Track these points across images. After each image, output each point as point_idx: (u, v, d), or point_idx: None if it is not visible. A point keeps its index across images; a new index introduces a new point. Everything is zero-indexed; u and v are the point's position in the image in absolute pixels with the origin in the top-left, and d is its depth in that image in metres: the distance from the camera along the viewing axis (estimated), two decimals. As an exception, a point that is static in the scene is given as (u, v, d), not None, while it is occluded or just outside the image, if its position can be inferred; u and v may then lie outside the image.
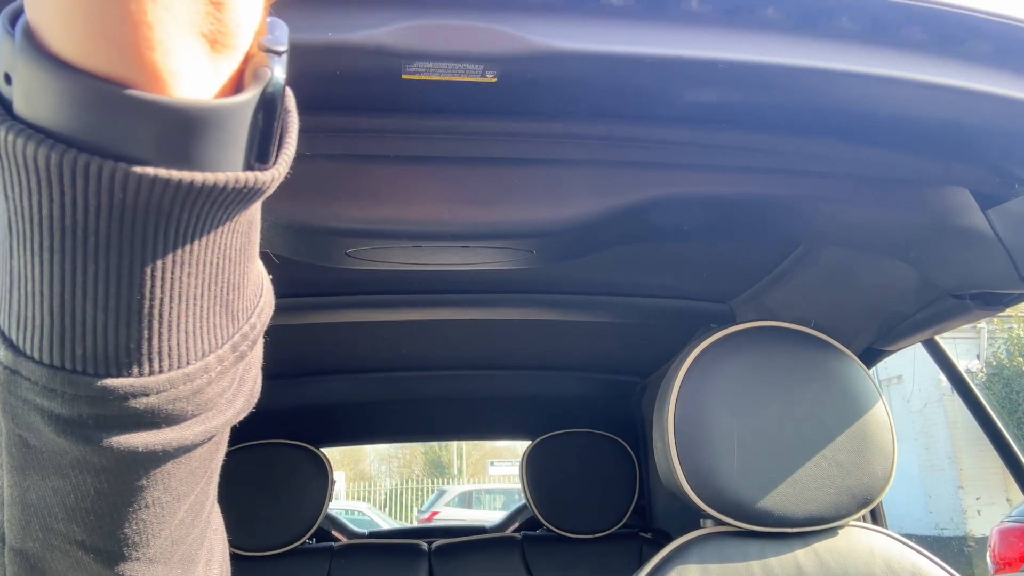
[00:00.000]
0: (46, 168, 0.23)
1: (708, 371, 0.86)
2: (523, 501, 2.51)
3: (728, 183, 0.76)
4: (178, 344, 0.27)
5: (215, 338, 0.29)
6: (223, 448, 0.35)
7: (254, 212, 0.30)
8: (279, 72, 0.26)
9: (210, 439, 0.31)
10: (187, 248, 0.26)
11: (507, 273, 1.25)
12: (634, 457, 1.83)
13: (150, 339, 0.26)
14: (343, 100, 0.66)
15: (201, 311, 0.28)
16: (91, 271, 0.25)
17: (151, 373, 0.27)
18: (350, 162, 0.70)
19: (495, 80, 0.58)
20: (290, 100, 0.30)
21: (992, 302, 0.90)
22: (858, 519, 0.87)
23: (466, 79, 0.57)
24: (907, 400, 10.41)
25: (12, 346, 0.27)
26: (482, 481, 17.17)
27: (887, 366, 10.91)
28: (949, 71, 0.61)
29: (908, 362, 10.39)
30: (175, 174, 0.24)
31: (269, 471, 1.58)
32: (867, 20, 0.59)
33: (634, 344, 1.67)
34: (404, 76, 0.57)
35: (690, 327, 1.50)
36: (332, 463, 1.68)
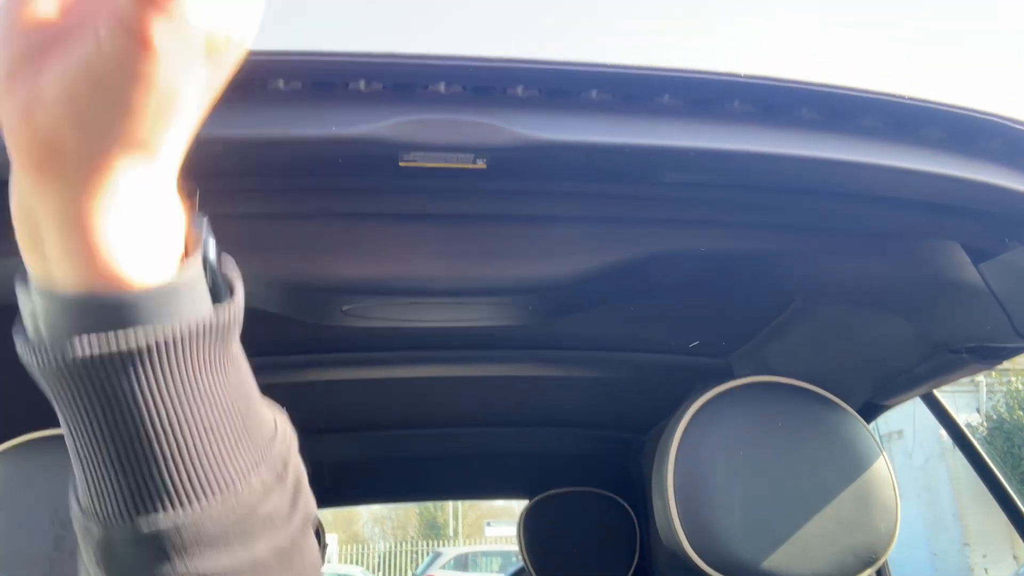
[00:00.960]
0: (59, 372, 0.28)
1: (707, 427, 0.86)
2: (521, 564, 2.45)
3: (723, 239, 0.77)
4: (223, 470, 0.31)
5: (248, 460, 0.33)
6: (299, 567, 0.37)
7: (236, 347, 0.34)
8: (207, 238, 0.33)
9: (278, 556, 0.34)
10: (194, 390, 0.30)
11: (503, 329, 1.24)
12: (634, 517, 1.79)
13: (191, 475, 0.31)
14: (341, 183, 0.69)
15: (230, 439, 0.32)
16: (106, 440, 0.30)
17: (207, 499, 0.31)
18: (346, 220, 0.71)
19: (485, 167, 0.62)
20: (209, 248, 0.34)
21: (989, 355, 0.90)
22: None
23: (458, 166, 0.62)
24: (909, 455, 10.29)
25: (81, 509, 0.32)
26: (479, 543, 16.75)
27: (887, 421, 10.82)
28: (903, 155, 0.65)
29: (909, 416, 10.31)
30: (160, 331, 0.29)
31: None
32: (825, 110, 0.64)
33: (632, 400, 1.66)
34: (401, 164, 0.61)
35: (688, 382, 1.49)
36: (324, 525, 1.64)
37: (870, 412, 1.14)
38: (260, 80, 0.56)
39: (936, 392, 1.28)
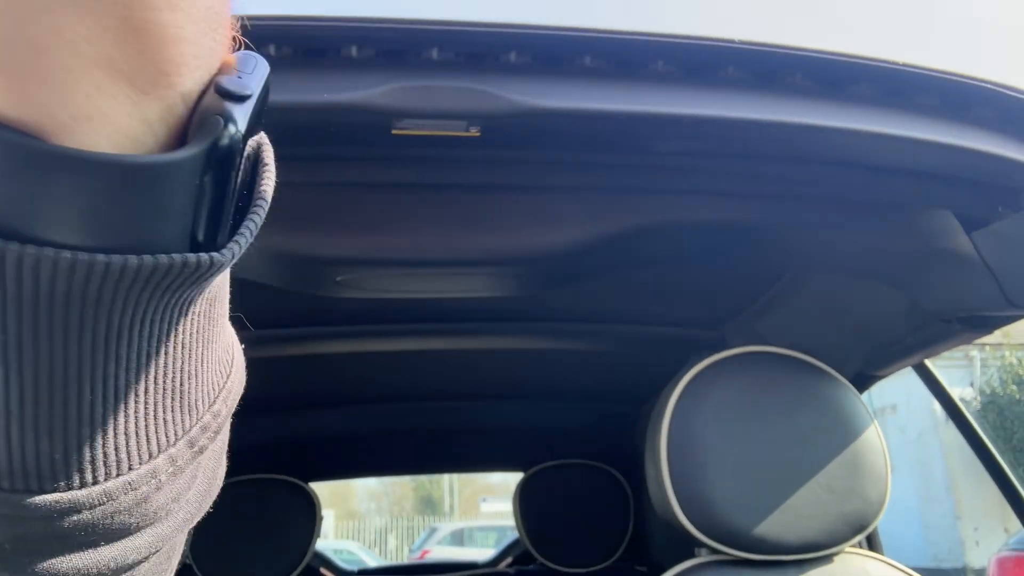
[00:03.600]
0: None
1: (700, 397, 0.86)
2: (515, 537, 2.48)
3: (717, 209, 0.77)
4: (117, 449, 0.22)
5: (166, 436, 0.24)
6: (178, 553, 0.30)
7: (215, 289, 0.25)
8: (238, 121, 0.21)
9: (156, 552, 0.26)
10: (123, 342, 0.21)
11: (497, 301, 1.25)
12: (627, 488, 1.81)
13: (80, 447, 0.22)
14: (334, 152, 0.68)
15: (147, 408, 0.23)
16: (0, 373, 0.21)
17: (83, 485, 0.22)
18: (339, 190, 0.71)
19: (479, 135, 0.61)
20: (267, 152, 0.25)
21: (980, 324, 0.90)
22: (854, 545, 0.86)
23: (451, 133, 0.61)
24: (902, 430, 10.38)
25: None
26: (474, 518, 16.93)
27: (881, 395, 10.91)
28: (896, 122, 0.65)
29: (903, 391, 10.39)
30: (88, 258, 0.19)
31: (256, 507, 1.55)
32: (819, 77, 0.64)
33: (626, 373, 1.66)
34: (394, 132, 0.60)
35: (682, 354, 1.50)
36: (320, 500, 1.65)
37: (862, 382, 1.14)
38: (249, 46, 0.55)
39: (930, 365, 1.29)
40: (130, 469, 0.23)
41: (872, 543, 1.15)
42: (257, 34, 0.55)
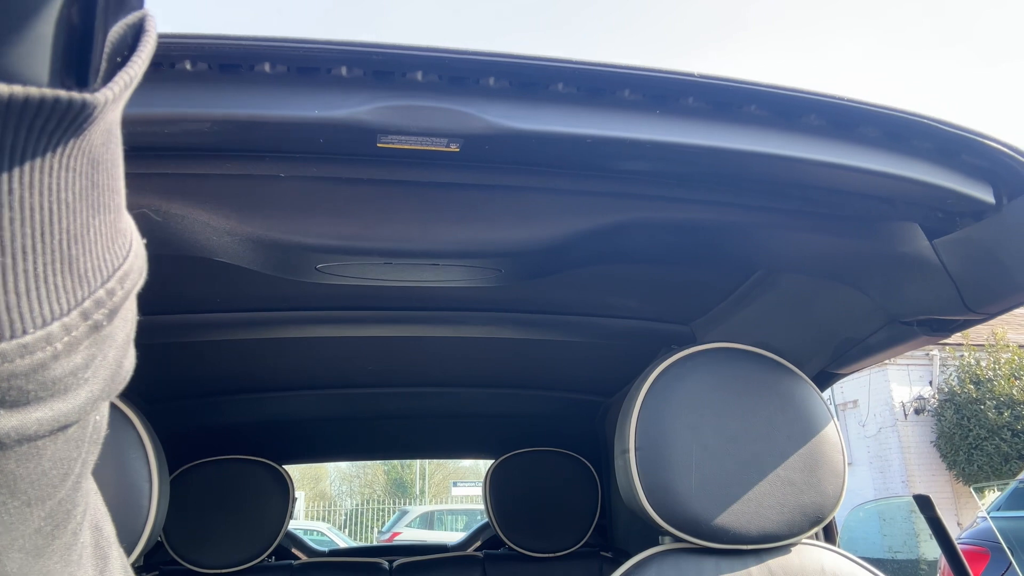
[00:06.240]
0: None
1: (669, 391, 0.89)
2: (485, 521, 2.51)
3: (689, 210, 0.81)
4: (8, 309, 0.22)
5: (58, 302, 0.24)
6: (87, 448, 0.29)
7: (97, 150, 0.24)
8: None
9: (61, 429, 0.26)
10: (1, 183, 0.21)
11: (472, 292, 1.27)
12: (596, 476, 1.84)
13: None
14: (319, 153, 0.71)
15: (35, 268, 0.23)
16: None
17: None
18: (323, 184, 0.73)
19: (458, 150, 0.66)
20: (150, 23, 0.25)
21: (938, 328, 0.94)
22: (811, 537, 0.90)
23: (432, 148, 0.65)
24: (862, 425, 10.63)
25: None
26: (445, 502, 16.98)
27: (843, 391, 11.14)
28: (841, 152, 0.71)
29: (864, 387, 10.63)
30: None
31: (229, 487, 1.56)
32: (771, 108, 0.69)
33: (597, 364, 1.69)
34: (379, 145, 0.64)
35: (652, 347, 1.54)
36: (292, 482, 1.66)
37: (824, 380, 1.19)
38: (248, 64, 0.58)
39: (891, 366, 1.34)
40: (24, 333, 0.23)
41: (829, 535, 1.19)
42: (255, 53, 0.58)
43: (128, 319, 0.28)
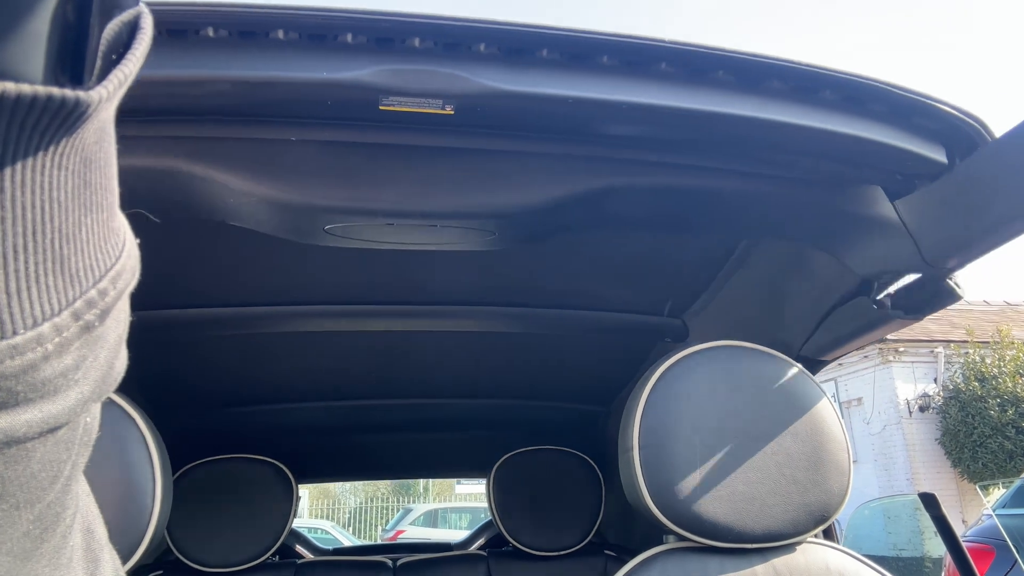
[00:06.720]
0: None
1: (672, 389, 0.88)
2: (488, 519, 2.51)
3: (668, 174, 0.86)
4: None
5: (49, 303, 0.24)
6: (78, 450, 0.29)
7: (90, 149, 0.24)
8: None
9: (51, 431, 0.25)
10: None
11: (468, 286, 1.29)
12: (600, 474, 1.84)
13: None
14: (327, 118, 0.76)
15: (27, 267, 0.22)
16: None
17: None
18: (331, 148, 0.79)
19: (452, 113, 0.71)
20: (145, 20, 0.24)
21: (912, 309, 0.97)
22: (814, 535, 0.90)
23: (429, 111, 0.71)
24: (867, 422, 10.60)
25: None
26: (448, 500, 16.99)
27: (848, 389, 11.12)
28: (802, 114, 0.77)
29: (868, 384, 10.61)
30: None
31: (233, 485, 1.56)
32: (737, 73, 0.75)
33: (596, 364, 1.70)
34: (381, 107, 0.70)
35: (647, 342, 1.56)
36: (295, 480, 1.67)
37: (809, 368, 1.20)
38: (263, 31, 0.65)
39: (896, 364, 1.36)
40: (15, 333, 0.22)
41: (828, 533, 1.19)
42: (270, 20, 0.63)
43: (120, 320, 0.28)
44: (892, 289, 1.02)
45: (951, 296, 0.93)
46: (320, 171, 0.78)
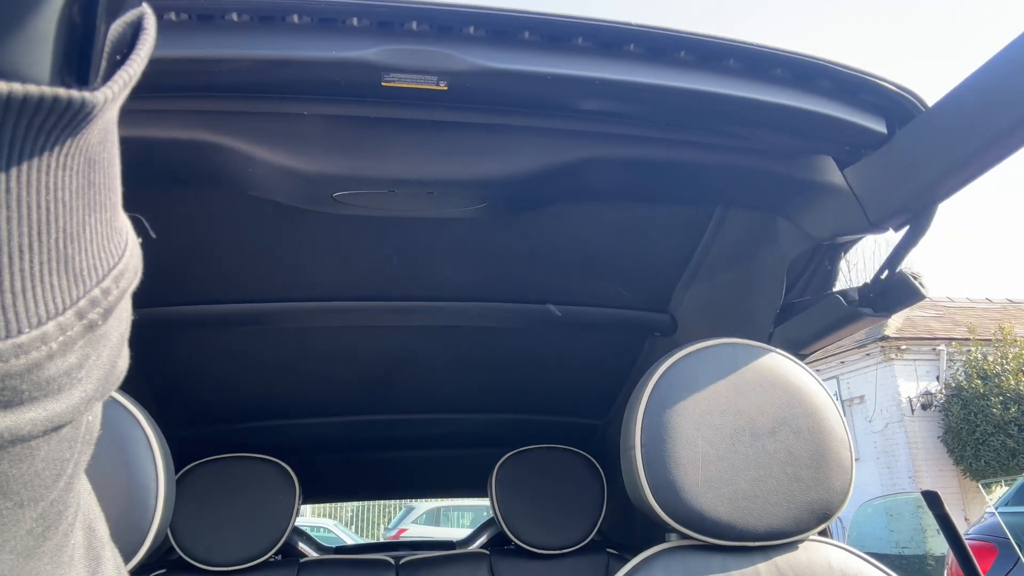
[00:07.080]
0: None
1: (674, 387, 0.88)
2: (490, 517, 2.51)
3: (645, 147, 0.94)
4: (3, 308, 0.22)
5: (53, 302, 0.24)
6: (80, 448, 0.29)
7: (94, 149, 0.24)
8: None
9: (55, 429, 0.25)
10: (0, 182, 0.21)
11: (464, 281, 1.34)
12: (602, 472, 1.84)
13: None
14: (336, 95, 0.84)
15: (32, 266, 0.23)
16: None
17: None
18: (337, 122, 0.87)
19: (446, 88, 0.79)
20: (148, 20, 0.25)
21: (880, 307, 1.04)
22: (817, 533, 0.90)
23: (425, 87, 0.79)
24: (869, 420, 10.60)
25: None
26: (450, 498, 16.97)
27: (850, 387, 11.10)
28: (756, 89, 0.85)
29: (871, 383, 10.60)
30: None
31: (236, 484, 1.56)
32: (698, 53, 0.82)
33: (594, 363, 1.71)
34: (383, 84, 0.78)
35: (637, 336, 1.60)
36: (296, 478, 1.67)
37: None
38: (280, 16, 0.73)
39: (898, 362, 1.38)
40: (20, 332, 0.23)
41: (825, 531, 1.20)
42: (287, 6, 0.70)
43: (123, 318, 0.28)
44: (860, 287, 1.08)
45: (915, 295, 1.00)
46: (329, 142, 0.86)
